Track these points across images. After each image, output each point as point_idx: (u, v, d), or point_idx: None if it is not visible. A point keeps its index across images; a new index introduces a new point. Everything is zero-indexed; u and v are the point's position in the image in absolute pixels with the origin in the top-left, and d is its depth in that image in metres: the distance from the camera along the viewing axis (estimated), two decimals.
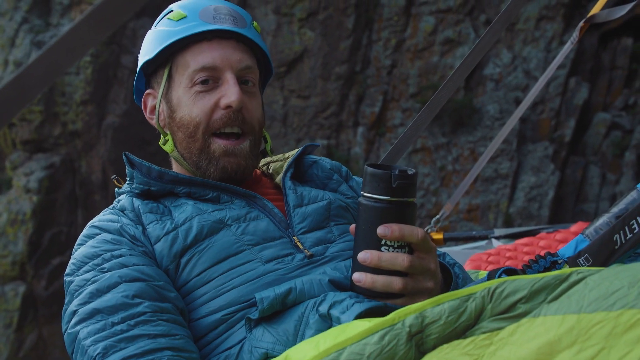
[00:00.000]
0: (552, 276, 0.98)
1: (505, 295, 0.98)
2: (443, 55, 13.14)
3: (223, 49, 1.49)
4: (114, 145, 13.65)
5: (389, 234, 1.19)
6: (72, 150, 13.85)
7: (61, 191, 13.70)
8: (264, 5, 13.70)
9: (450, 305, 0.99)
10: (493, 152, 3.03)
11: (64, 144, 13.83)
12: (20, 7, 14.17)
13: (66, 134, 13.76)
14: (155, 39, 1.52)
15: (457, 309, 0.99)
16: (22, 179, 13.61)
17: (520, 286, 0.98)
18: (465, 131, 12.91)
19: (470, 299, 0.99)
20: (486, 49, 2.23)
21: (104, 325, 1.25)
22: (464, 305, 0.99)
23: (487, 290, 0.99)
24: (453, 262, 1.50)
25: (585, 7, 12.67)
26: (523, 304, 0.96)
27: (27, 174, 13.62)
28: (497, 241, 3.33)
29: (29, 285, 13.24)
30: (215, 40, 1.50)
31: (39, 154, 13.82)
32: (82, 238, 1.44)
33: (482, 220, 12.44)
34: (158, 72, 1.55)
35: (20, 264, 13.24)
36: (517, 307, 0.96)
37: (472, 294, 1.00)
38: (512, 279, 1.00)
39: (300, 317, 1.23)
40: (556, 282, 0.97)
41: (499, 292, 0.99)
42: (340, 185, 1.61)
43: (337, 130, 13.57)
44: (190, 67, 1.48)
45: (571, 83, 12.57)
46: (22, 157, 13.77)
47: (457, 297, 1.00)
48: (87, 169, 13.84)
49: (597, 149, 12.55)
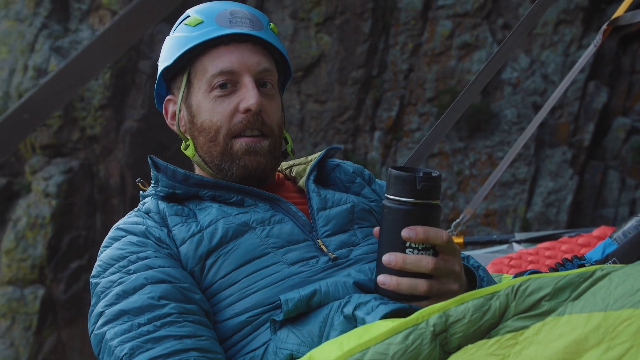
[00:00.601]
0: (577, 274, 0.97)
1: (529, 293, 0.97)
2: (460, 60, 13.11)
3: (240, 53, 1.49)
4: (132, 149, 13.73)
5: (413, 236, 1.19)
6: (91, 155, 13.95)
7: (80, 195, 13.80)
8: (281, 10, 13.74)
9: (474, 304, 0.99)
10: (513, 156, 3.02)
11: (83, 148, 13.94)
12: (40, 13, 14.31)
13: (85, 139, 13.87)
14: (174, 45, 1.53)
15: (481, 307, 0.98)
16: (41, 183, 13.72)
17: (544, 283, 0.97)
18: (482, 136, 12.86)
19: (494, 297, 0.99)
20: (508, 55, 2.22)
21: (131, 326, 1.25)
22: (487, 303, 0.98)
23: (510, 288, 0.99)
24: (477, 265, 1.49)
25: (604, 11, 12.59)
26: (547, 301, 0.95)
27: (46, 178, 13.73)
28: (518, 245, 3.30)
29: (48, 289, 13.34)
30: (232, 44, 1.50)
31: (57, 158, 13.93)
32: (107, 240, 1.45)
33: (500, 225, 12.38)
34: (177, 77, 1.56)
35: (40, 268, 13.34)
36: (542, 304, 0.95)
37: (496, 292, 0.99)
38: (536, 277, 0.99)
39: (325, 319, 1.22)
40: (580, 279, 0.96)
41: (522, 289, 0.98)
42: (363, 189, 1.61)
43: (354, 135, 13.57)
44: (208, 72, 1.49)
45: (590, 87, 12.49)
46: (41, 162, 13.89)
47: (480, 295, 0.99)
48: (105, 174, 13.93)
49: (616, 153, 12.45)
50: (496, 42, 12.86)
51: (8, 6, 14.78)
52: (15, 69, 14.30)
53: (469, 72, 12.95)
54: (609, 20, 2.69)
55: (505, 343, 0.94)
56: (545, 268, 2.60)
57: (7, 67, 14.39)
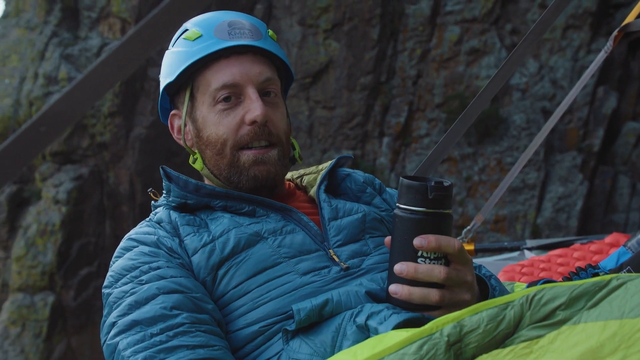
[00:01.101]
0: (592, 283, 0.96)
1: (544, 302, 0.97)
2: (469, 65, 13.09)
3: (241, 65, 1.49)
4: (141, 156, 13.78)
5: (425, 245, 1.18)
6: (100, 162, 14.00)
7: (89, 202, 13.85)
8: (289, 16, 13.78)
9: (488, 314, 0.98)
10: (524, 163, 3.01)
11: (92, 155, 14.00)
12: (50, 21, 14.40)
13: (94, 146, 13.93)
14: (174, 61, 1.53)
15: (496, 317, 0.98)
16: (51, 190, 13.79)
17: (559, 293, 0.97)
18: (491, 141, 12.84)
19: (508, 306, 0.98)
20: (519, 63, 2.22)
21: (143, 336, 1.26)
22: (502, 313, 0.98)
23: (525, 298, 0.98)
24: (489, 275, 1.49)
25: (613, 16, 12.56)
26: (562, 310, 0.95)
27: (56, 185, 13.80)
28: (530, 252, 3.28)
29: (58, 296, 13.38)
30: (233, 57, 1.50)
31: (67, 165, 14.00)
32: (119, 251, 1.45)
33: (510, 231, 12.34)
34: (180, 92, 1.56)
35: (50, 274, 13.39)
36: (557, 314, 0.95)
37: (510, 302, 0.99)
38: (551, 286, 0.99)
39: (338, 328, 1.22)
40: (595, 288, 0.95)
41: (537, 299, 0.97)
42: (374, 198, 1.61)
43: (363, 141, 13.57)
44: (211, 85, 1.49)
45: (599, 92, 12.45)
46: (52, 169, 13.96)
47: (495, 305, 0.99)
48: (115, 180, 13.98)
49: (626, 158, 12.40)
50: (504, 47, 12.84)
51: (19, 15, 14.89)
52: (25, 76, 14.39)
53: (478, 78, 12.93)
54: (618, 26, 2.69)
55: (519, 352, 0.93)
56: (557, 275, 2.59)
57: (18, 74, 14.48)
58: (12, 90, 14.46)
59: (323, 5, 13.70)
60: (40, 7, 14.57)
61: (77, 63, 14.11)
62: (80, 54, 14.13)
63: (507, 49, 12.78)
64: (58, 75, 14.08)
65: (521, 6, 12.97)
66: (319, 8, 13.66)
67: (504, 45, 12.91)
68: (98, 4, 14.37)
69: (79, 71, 14.02)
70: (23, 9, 14.92)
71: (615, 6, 12.65)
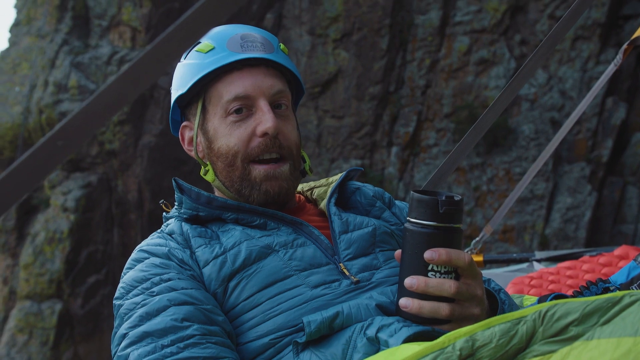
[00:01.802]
0: (605, 299, 0.96)
1: (557, 318, 0.97)
2: (478, 76, 13.09)
3: (253, 77, 1.51)
4: (150, 164, 13.81)
5: (436, 258, 1.19)
6: (109, 170, 14.04)
7: (98, 210, 13.88)
8: (298, 26, 13.82)
9: (501, 329, 0.99)
10: (534, 174, 3.01)
11: (101, 163, 14.04)
12: (61, 29, 14.48)
13: (103, 154, 13.97)
14: (186, 73, 1.54)
15: (508, 332, 0.98)
16: (59, 198, 13.82)
17: (572, 309, 0.97)
18: (500, 151, 12.81)
19: (521, 322, 0.99)
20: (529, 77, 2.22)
21: (154, 347, 1.26)
22: (515, 328, 0.98)
23: (538, 313, 0.98)
24: (498, 289, 1.49)
25: (621, 27, 12.54)
26: (575, 326, 0.95)
27: (65, 193, 13.83)
28: (539, 264, 3.28)
29: (65, 304, 13.40)
30: (245, 69, 1.51)
31: (76, 173, 14.04)
32: (130, 262, 1.46)
33: (518, 241, 12.30)
34: (192, 104, 1.58)
35: (57, 282, 13.41)
36: (569, 329, 0.95)
37: (523, 317, 0.99)
38: (564, 302, 0.99)
39: (348, 341, 1.23)
40: (608, 304, 0.96)
41: (550, 314, 0.98)
42: (384, 212, 1.61)
43: (371, 150, 13.57)
44: (223, 97, 1.50)
45: (608, 103, 12.42)
46: (60, 176, 14.00)
47: (507, 320, 0.99)
48: (124, 188, 14.02)
49: (635, 169, 12.35)
50: (513, 58, 12.84)
51: (30, 22, 14.98)
52: (35, 84, 14.46)
53: (487, 88, 12.93)
54: (627, 37, 2.69)
55: None
56: (566, 288, 2.58)
57: (28, 82, 14.55)
58: (22, 98, 14.54)
59: (332, 15, 13.73)
60: (51, 16, 14.66)
61: (88, 71, 14.18)
62: (91, 62, 14.20)
63: (516, 60, 12.77)
64: (68, 83, 14.15)
65: (530, 17, 12.97)
66: (329, 18, 13.70)
67: (513, 56, 12.91)
68: (109, 13, 14.45)
69: (89, 79, 14.09)
70: (34, 17, 15.01)
71: (624, 18, 12.63)
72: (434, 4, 13.41)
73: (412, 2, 13.60)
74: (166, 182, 14.37)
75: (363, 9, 13.54)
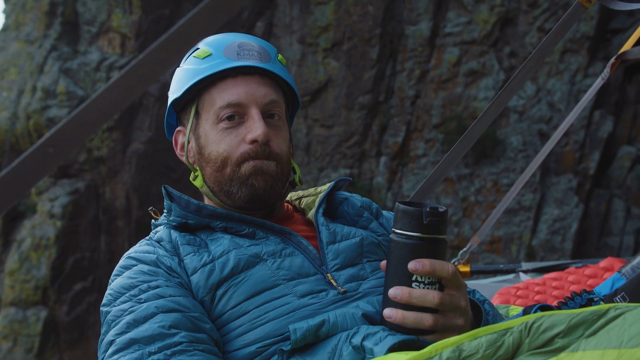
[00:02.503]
0: (590, 311, 0.98)
1: (543, 330, 0.98)
2: (467, 87, 13.17)
3: (247, 85, 1.51)
4: (138, 171, 13.78)
5: (420, 269, 1.20)
6: (97, 177, 14.00)
7: (85, 217, 13.82)
8: (289, 35, 13.85)
9: (487, 339, 0.99)
10: (521, 186, 3.02)
11: (89, 170, 13.99)
12: (50, 35, 14.45)
13: (91, 160, 13.93)
14: (183, 78, 1.56)
15: (495, 342, 0.99)
16: (46, 204, 13.76)
17: (558, 321, 0.98)
18: (488, 162, 12.88)
19: (507, 333, 0.99)
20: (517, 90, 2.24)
21: (141, 355, 1.26)
22: (501, 339, 0.99)
23: (524, 325, 0.99)
24: (483, 299, 1.50)
25: (610, 41, 12.66)
26: (561, 338, 0.96)
27: (52, 200, 13.77)
28: (525, 275, 3.29)
29: (51, 310, 13.31)
30: (239, 77, 1.52)
31: (63, 179, 13.99)
32: (118, 269, 1.45)
33: (505, 252, 12.35)
34: (186, 109, 1.59)
35: (43, 289, 13.33)
36: (555, 341, 0.96)
37: (510, 328, 1.00)
38: (550, 314, 1.00)
39: (334, 349, 1.23)
40: (594, 317, 0.97)
41: (536, 326, 0.99)
42: (371, 223, 1.62)
43: (360, 160, 13.60)
44: (216, 103, 1.51)
45: (596, 116, 12.52)
46: (47, 183, 13.94)
47: (494, 331, 1.00)
48: (111, 195, 13.97)
49: (621, 182, 12.44)
50: (503, 69, 12.92)
51: (18, 28, 14.94)
52: (24, 89, 14.42)
53: (476, 99, 13.00)
54: (615, 51, 2.72)
55: None
56: (552, 299, 2.59)
57: (16, 88, 14.50)
58: (10, 104, 14.49)
59: (323, 25, 13.78)
60: (40, 21, 14.63)
61: (76, 77, 14.15)
62: (80, 68, 14.17)
63: (505, 71, 12.86)
64: (56, 89, 14.11)
65: (520, 29, 13.07)
66: (319, 27, 13.75)
67: (502, 68, 12.99)
68: (98, 19, 14.44)
69: (77, 85, 14.06)
70: (23, 22, 14.98)
71: (613, 31, 12.76)
72: (424, 14, 13.49)
73: (403, 12, 13.68)
74: (154, 189, 14.32)
75: (354, 19, 13.61)
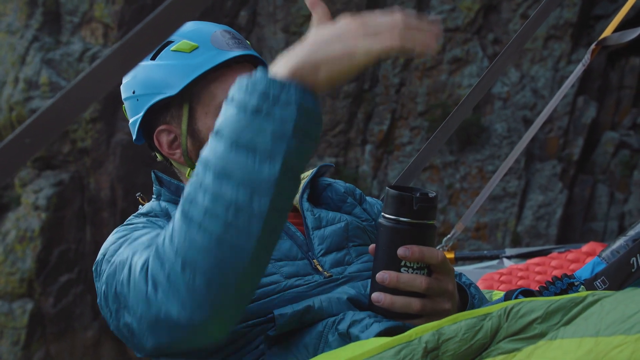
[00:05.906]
0: (568, 299, 0.99)
1: (520, 315, 0.99)
2: (451, 74, 13.18)
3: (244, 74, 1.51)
4: (123, 162, 13.71)
5: (409, 255, 1.21)
6: (81, 168, 13.91)
7: (70, 208, 13.74)
8: (272, 24, 13.80)
9: (467, 323, 1.01)
10: (505, 172, 3.04)
11: (73, 161, 13.90)
12: (31, 25, 14.30)
13: (75, 151, 13.83)
14: (169, 74, 1.48)
15: (474, 327, 1.00)
16: (30, 196, 13.66)
17: (536, 307, 0.99)
18: (473, 149, 12.92)
19: (486, 317, 1.01)
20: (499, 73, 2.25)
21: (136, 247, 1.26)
22: (480, 323, 1.00)
23: (503, 310, 1.01)
24: (469, 283, 1.51)
25: (592, 27, 12.70)
26: (539, 324, 0.97)
27: (36, 191, 13.68)
28: (509, 261, 3.32)
29: (37, 303, 13.25)
30: (233, 67, 1.49)
31: (47, 171, 13.88)
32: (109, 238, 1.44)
33: (490, 238, 12.42)
34: (171, 106, 1.52)
35: (28, 281, 13.26)
36: (533, 327, 0.97)
37: (489, 314, 1.01)
38: (529, 300, 1.02)
39: (320, 335, 1.24)
40: (572, 304, 0.98)
41: (515, 311, 1.00)
42: (355, 208, 1.62)
43: (345, 148, 13.60)
44: (217, 97, 1.47)
45: (579, 102, 12.58)
46: (31, 174, 13.84)
47: (474, 315, 1.02)
48: (96, 186, 13.89)
49: (605, 167, 12.53)
50: (487, 57, 12.95)
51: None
52: (5, 81, 14.28)
53: (460, 87, 13.02)
54: (598, 37, 2.73)
55: None
56: (535, 284, 2.62)
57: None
58: None
59: (307, 13, 13.72)
60: (21, 11, 14.47)
61: (59, 68, 14.03)
62: (62, 58, 14.04)
63: (489, 59, 12.88)
64: (39, 80, 13.99)
65: (503, 16, 13.08)
66: (303, 16, 13.70)
67: (486, 55, 13.01)
68: (80, 9, 14.30)
69: (60, 76, 13.94)
70: (4, 12, 14.81)
71: (595, 18, 12.80)
72: (407, 2, 13.47)
73: (386, 0, 13.66)
74: (139, 179, 14.24)
75: (337, 7, 13.56)
